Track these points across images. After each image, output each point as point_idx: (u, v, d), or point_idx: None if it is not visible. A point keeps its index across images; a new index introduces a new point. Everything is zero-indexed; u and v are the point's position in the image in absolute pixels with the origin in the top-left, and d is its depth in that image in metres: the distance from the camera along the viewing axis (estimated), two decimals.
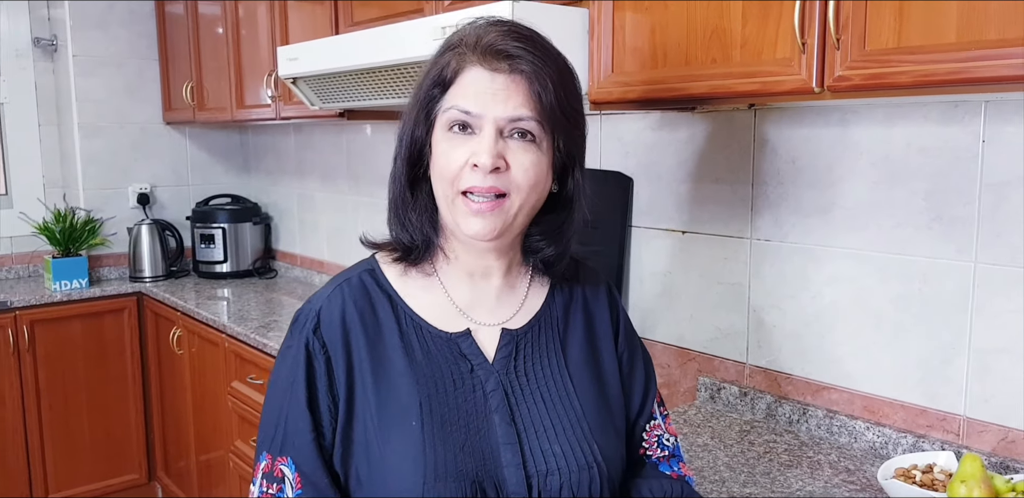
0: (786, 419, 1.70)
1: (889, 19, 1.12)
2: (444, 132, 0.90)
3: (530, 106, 0.88)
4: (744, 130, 1.74)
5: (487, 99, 0.87)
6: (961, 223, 1.42)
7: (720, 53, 1.35)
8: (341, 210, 3.20)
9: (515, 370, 0.95)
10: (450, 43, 0.92)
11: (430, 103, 0.91)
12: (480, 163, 0.86)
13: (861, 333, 1.58)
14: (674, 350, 1.94)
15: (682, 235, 1.90)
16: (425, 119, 0.92)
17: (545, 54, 0.90)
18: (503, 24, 0.91)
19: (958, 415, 1.45)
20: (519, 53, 0.87)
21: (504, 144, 0.88)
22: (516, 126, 0.88)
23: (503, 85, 0.87)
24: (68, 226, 3.27)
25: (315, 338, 0.93)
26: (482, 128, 0.88)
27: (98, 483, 3.30)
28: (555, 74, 0.89)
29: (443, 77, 0.90)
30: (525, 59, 0.87)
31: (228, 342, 2.71)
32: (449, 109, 0.89)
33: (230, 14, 2.99)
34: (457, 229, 0.91)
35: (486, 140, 0.87)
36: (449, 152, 0.89)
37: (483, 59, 0.88)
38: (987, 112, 1.37)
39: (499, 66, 0.87)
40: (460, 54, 0.89)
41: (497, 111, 0.87)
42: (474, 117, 0.88)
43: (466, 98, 0.88)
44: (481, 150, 0.87)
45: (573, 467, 0.91)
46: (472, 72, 0.88)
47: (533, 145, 0.89)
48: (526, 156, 0.89)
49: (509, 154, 0.88)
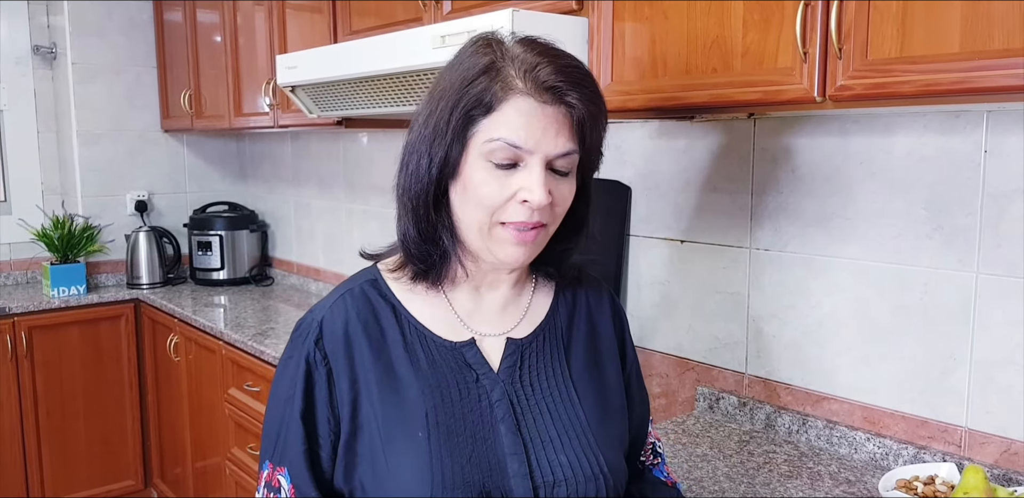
0: (785, 429, 1.69)
1: (892, 28, 1.11)
2: (483, 161, 0.86)
3: (575, 139, 0.87)
4: (743, 139, 1.73)
5: (537, 133, 0.85)
6: (962, 233, 1.41)
7: (721, 62, 1.34)
8: (337, 218, 3.19)
9: (520, 380, 0.94)
10: (484, 64, 0.86)
11: (468, 124, 0.87)
12: (534, 200, 0.85)
13: (861, 343, 1.58)
14: (672, 360, 1.93)
15: (681, 244, 1.89)
16: (460, 140, 0.87)
17: (591, 85, 0.88)
18: (551, 53, 0.88)
19: (960, 426, 1.45)
20: (570, 88, 0.86)
21: (549, 178, 0.87)
22: (564, 161, 0.87)
23: (552, 118, 0.85)
24: (66, 233, 3.27)
25: (316, 349, 0.92)
26: (529, 164, 0.85)
27: (95, 489, 3.29)
28: (596, 106, 0.88)
29: (485, 101, 0.85)
30: (573, 93, 0.86)
31: (225, 349, 2.70)
32: (495, 140, 0.85)
33: (228, 22, 2.99)
34: (489, 255, 0.90)
35: (537, 176, 0.85)
36: (491, 183, 0.86)
37: (533, 90, 0.85)
38: (989, 122, 1.36)
39: (548, 98, 0.85)
40: (505, 79, 0.85)
41: (548, 147, 0.85)
42: (524, 152, 0.85)
43: (514, 131, 0.84)
44: (534, 187, 0.85)
45: (580, 477, 0.90)
46: (520, 102, 0.85)
47: (569, 176, 0.89)
48: (565, 188, 0.89)
49: (552, 187, 0.87)
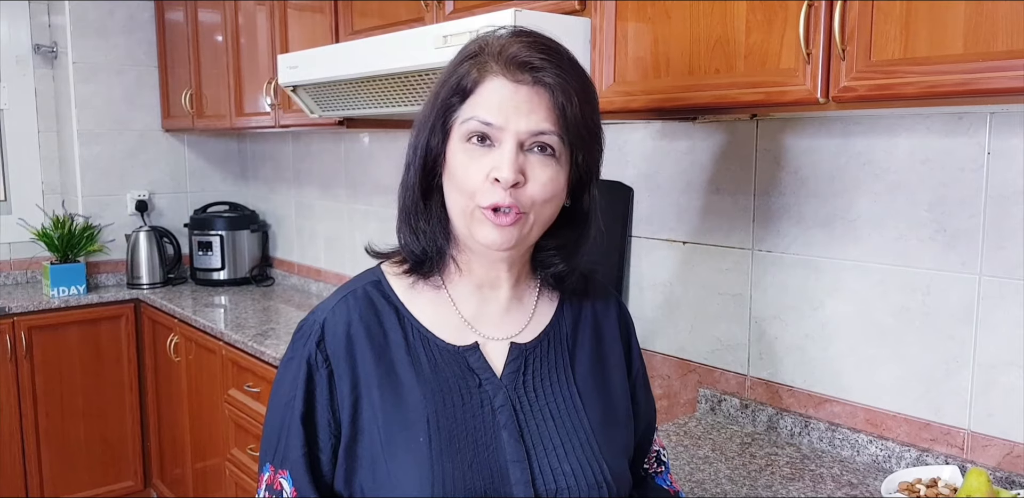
0: (787, 432, 1.68)
1: (895, 30, 1.11)
2: (462, 143, 0.87)
3: (552, 120, 0.86)
4: (746, 140, 1.73)
5: (509, 111, 0.84)
6: (965, 235, 1.41)
7: (724, 63, 1.34)
8: (339, 218, 3.19)
9: (523, 385, 0.93)
10: (470, 51, 0.89)
11: (447, 111, 0.88)
12: (501, 177, 0.84)
13: (863, 345, 1.57)
14: (674, 361, 1.93)
15: (683, 246, 1.89)
16: (442, 128, 0.89)
17: (570, 67, 0.87)
18: (527, 35, 0.89)
19: (962, 429, 1.44)
20: (543, 65, 0.85)
21: (524, 158, 0.86)
22: (537, 140, 0.86)
23: (526, 97, 0.85)
24: (66, 232, 3.26)
25: (318, 351, 0.91)
26: (502, 141, 0.85)
27: (94, 490, 3.29)
28: (579, 87, 0.87)
29: (463, 86, 0.87)
30: (549, 71, 0.85)
31: (225, 349, 2.69)
32: (469, 120, 0.86)
33: (230, 22, 2.99)
34: (471, 239, 0.89)
35: (507, 154, 0.84)
36: (468, 165, 0.86)
37: (506, 70, 0.85)
38: (992, 124, 1.36)
39: (522, 78, 0.85)
40: (481, 63, 0.86)
41: (519, 124, 0.85)
42: (495, 129, 0.85)
43: (487, 109, 0.85)
44: (502, 164, 0.84)
45: (583, 485, 0.89)
46: (494, 82, 0.86)
47: (552, 159, 0.87)
48: (545, 171, 0.87)
49: (528, 168, 0.86)
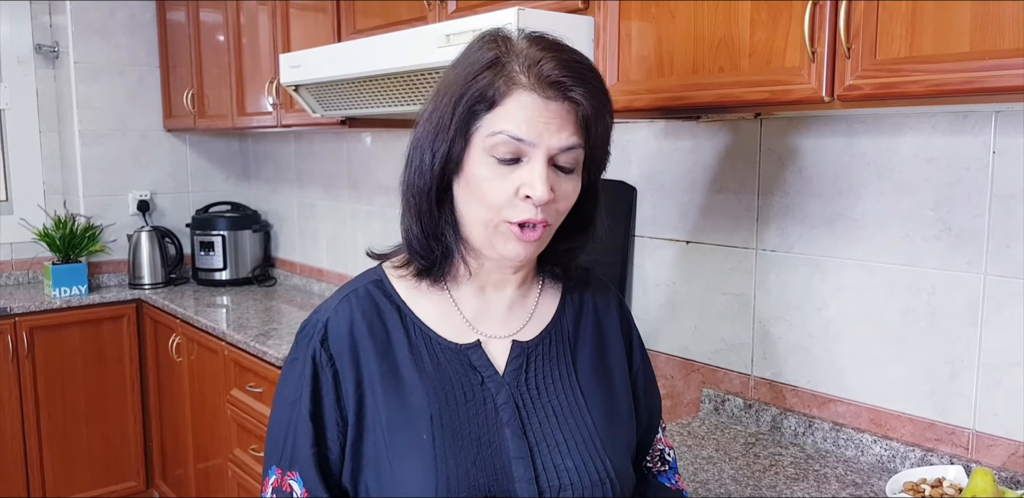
0: (791, 432, 1.68)
1: (901, 28, 1.10)
2: (486, 156, 0.86)
3: (580, 134, 0.86)
4: (750, 139, 1.73)
5: (540, 127, 0.84)
6: (970, 235, 1.40)
7: (728, 61, 1.34)
8: (341, 218, 3.18)
9: (526, 383, 0.93)
10: (488, 59, 0.86)
11: (471, 119, 0.86)
12: (536, 196, 0.83)
13: (868, 345, 1.57)
14: (678, 361, 1.92)
15: (686, 245, 1.88)
16: (463, 135, 0.87)
17: (596, 81, 0.87)
18: (553, 48, 0.87)
19: (967, 429, 1.44)
20: (574, 83, 0.85)
21: (552, 174, 0.86)
22: (567, 156, 0.86)
23: (556, 113, 0.84)
24: (68, 233, 3.26)
25: (322, 350, 0.91)
26: (532, 157, 0.84)
27: (97, 490, 3.29)
28: (603, 101, 0.87)
29: (488, 96, 0.85)
30: (577, 89, 0.85)
31: (227, 350, 2.69)
32: (497, 133, 0.84)
33: (232, 22, 2.99)
34: (490, 250, 0.89)
35: (540, 171, 0.84)
36: (494, 180, 0.85)
37: (537, 85, 0.84)
38: (997, 123, 1.35)
39: (553, 94, 0.84)
40: (510, 74, 0.84)
41: (551, 141, 0.84)
42: (525, 144, 0.84)
43: (517, 124, 0.83)
44: (536, 182, 0.83)
45: (586, 483, 0.89)
46: (524, 97, 0.84)
47: (574, 173, 0.88)
48: (569, 184, 0.87)
49: (555, 183, 0.86)
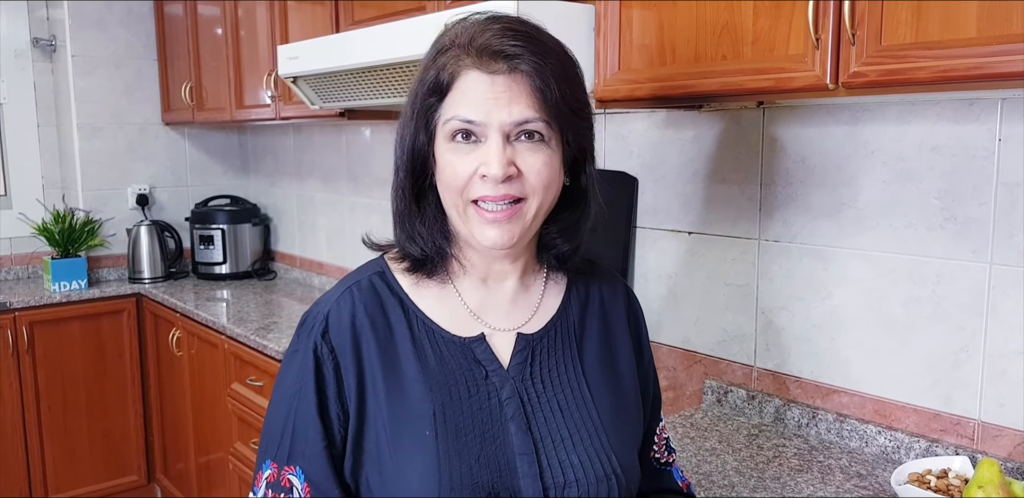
0: (795, 423, 1.67)
1: (906, 13, 1.09)
2: (447, 142, 0.85)
3: (535, 106, 0.83)
4: (752, 129, 1.71)
5: (489, 105, 0.82)
6: (976, 223, 1.39)
7: (731, 49, 1.32)
8: (340, 211, 3.17)
9: (531, 377, 0.92)
10: (441, 45, 0.86)
11: (429, 112, 0.86)
12: (490, 174, 0.82)
13: (872, 335, 1.56)
14: (680, 353, 1.91)
15: (688, 236, 1.87)
16: (425, 128, 0.87)
17: (544, 48, 0.84)
18: (495, 21, 0.86)
19: (972, 419, 1.43)
20: (517, 51, 0.82)
21: (512, 149, 0.84)
22: (523, 129, 0.84)
23: (504, 87, 0.83)
24: (67, 227, 3.25)
25: (323, 342, 0.89)
26: (487, 136, 0.83)
27: (97, 485, 3.29)
28: (557, 68, 0.85)
29: (439, 83, 0.85)
30: (524, 58, 0.82)
31: (228, 344, 2.68)
32: (450, 119, 0.84)
33: (229, 14, 2.97)
34: (472, 239, 0.88)
35: (494, 148, 0.82)
36: (455, 163, 0.84)
37: (479, 62, 0.83)
38: (1004, 110, 1.34)
39: (497, 67, 0.82)
40: (455, 57, 0.84)
41: (502, 116, 0.82)
42: (478, 125, 0.83)
43: (466, 106, 0.83)
44: (490, 160, 0.82)
45: (592, 478, 0.88)
46: (469, 76, 0.83)
47: (542, 145, 0.85)
48: (537, 158, 0.85)
49: (519, 158, 0.84)
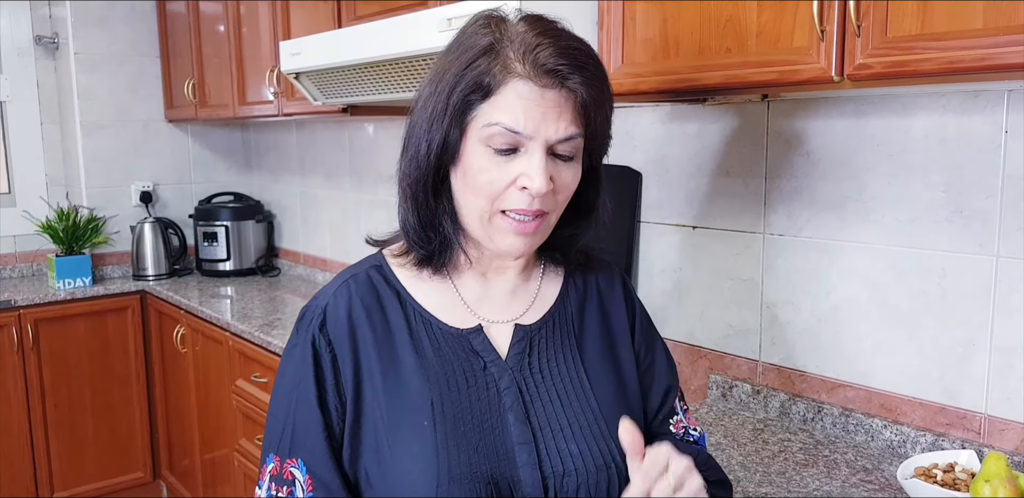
0: (800, 417, 1.66)
1: (913, 5, 1.08)
2: (482, 146, 0.84)
3: (578, 123, 0.84)
4: (757, 122, 1.70)
5: (537, 118, 0.82)
6: (982, 216, 1.38)
7: (735, 42, 1.31)
8: (344, 207, 3.17)
9: (529, 367, 0.92)
10: (484, 45, 0.84)
11: (466, 109, 0.84)
12: (533, 187, 0.82)
13: (878, 329, 1.55)
14: (684, 347, 1.91)
15: (692, 230, 1.87)
16: (459, 124, 0.85)
17: (594, 67, 0.85)
18: (550, 34, 0.84)
19: (979, 413, 1.42)
20: (571, 71, 0.82)
21: (551, 164, 0.84)
22: (566, 145, 0.84)
23: (554, 103, 0.82)
24: (71, 224, 3.25)
25: (321, 335, 0.90)
26: (530, 149, 0.83)
27: (103, 481, 3.30)
28: (602, 88, 0.85)
29: (483, 84, 0.83)
30: (575, 77, 0.82)
31: (232, 340, 2.68)
32: (493, 124, 0.82)
33: (231, 10, 2.97)
34: (491, 244, 0.88)
35: (538, 163, 0.82)
36: (491, 170, 0.83)
37: (534, 74, 0.82)
38: (1010, 102, 1.33)
39: (549, 82, 0.82)
40: (505, 62, 0.82)
41: (549, 132, 0.82)
42: (523, 137, 0.82)
43: (514, 115, 0.82)
44: (534, 173, 0.82)
45: (591, 468, 0.88)
46: (519, 86, 0.82)
47: (573, 161, 0.86)
48: (569, 173, 0.86)
49: (555, 173, 0.84)
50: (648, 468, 0.78)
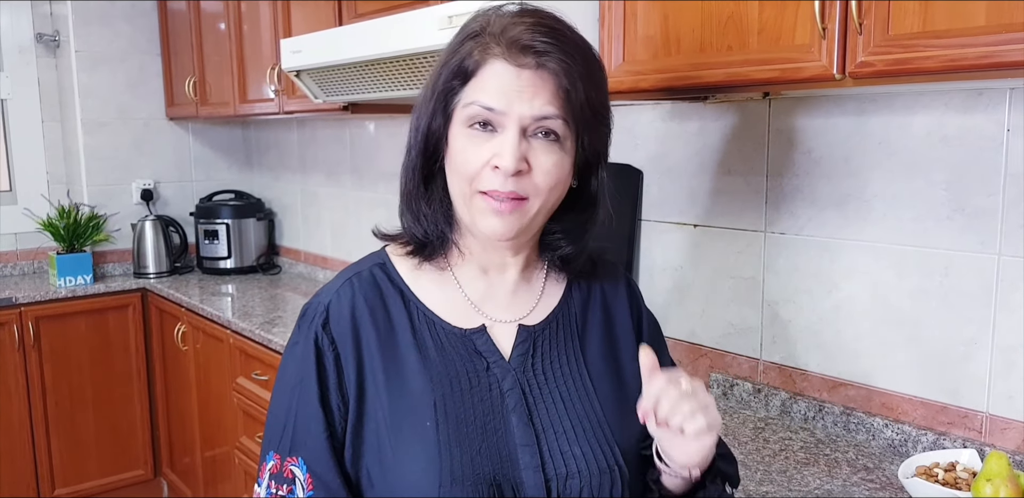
0: (801, 416, 1.66)
1: (914, 3, 1.07)
2: (463, 128, 0.85)
3: (556, 104, 0.83)
4: (758, 120, 1.70)
5: (512, 96, 0.82)
6: (984, 215, 1.38)
7: (736, 40, 1.31)
8: (344, 206, 3.17)
9: (532, 368, 0.92)
10: (471, 31, 0.86)
11: (448, 94, 0.86)
12: (502, 166, 0.82)
13: (879, 328, 1.55)
14: (685, 346, 1.91)
15: (694, 229, 1.86)
16: (443, 111, 0.87)
17: (574, 48, 0.85)
18: (529, 14, 0.86)
19: (980, 412, 1.42)
20: (547, 49, 0.82)
21: (527, 144, 0.84)
22: (541, 125, 0.83)
23: (529, 82, 0.82)
24: (72, 222, 3.25)
25: (324, 333, 0.89)
26: (505, 126, 0.83)
27: (104, 479, 3.30)
28: (584, 69, 0.85)
29: (464, 68, 0.85)
30: (553, 55, 0.82)
31: (233, 338, 2.68)
32: (470, 104, 0.84)
33: (232, 8, 2.96)
34: (474, 227, 0.88)
35: (509, 140, 0.82)
36: (468, 149, 0.84)
37: (508, 53, 0.83)
38: (1012, 100, 1.33)
39: (525, 61, 0.82)
40: (483, 45, 0.84)
41: (523, 109, 0.82)
42: (497, 114, 0.83)
43: (489, 93, 0.83)
44: (504, 151, 0.82)
45: (594, 470, 0.88)
46: (496, 66, 0.83)
47: (556, 144, 0.85)
48: (549, 157, 0.85)
49: (531, 155, 0.84)
50: (668, 378, 0.82)
